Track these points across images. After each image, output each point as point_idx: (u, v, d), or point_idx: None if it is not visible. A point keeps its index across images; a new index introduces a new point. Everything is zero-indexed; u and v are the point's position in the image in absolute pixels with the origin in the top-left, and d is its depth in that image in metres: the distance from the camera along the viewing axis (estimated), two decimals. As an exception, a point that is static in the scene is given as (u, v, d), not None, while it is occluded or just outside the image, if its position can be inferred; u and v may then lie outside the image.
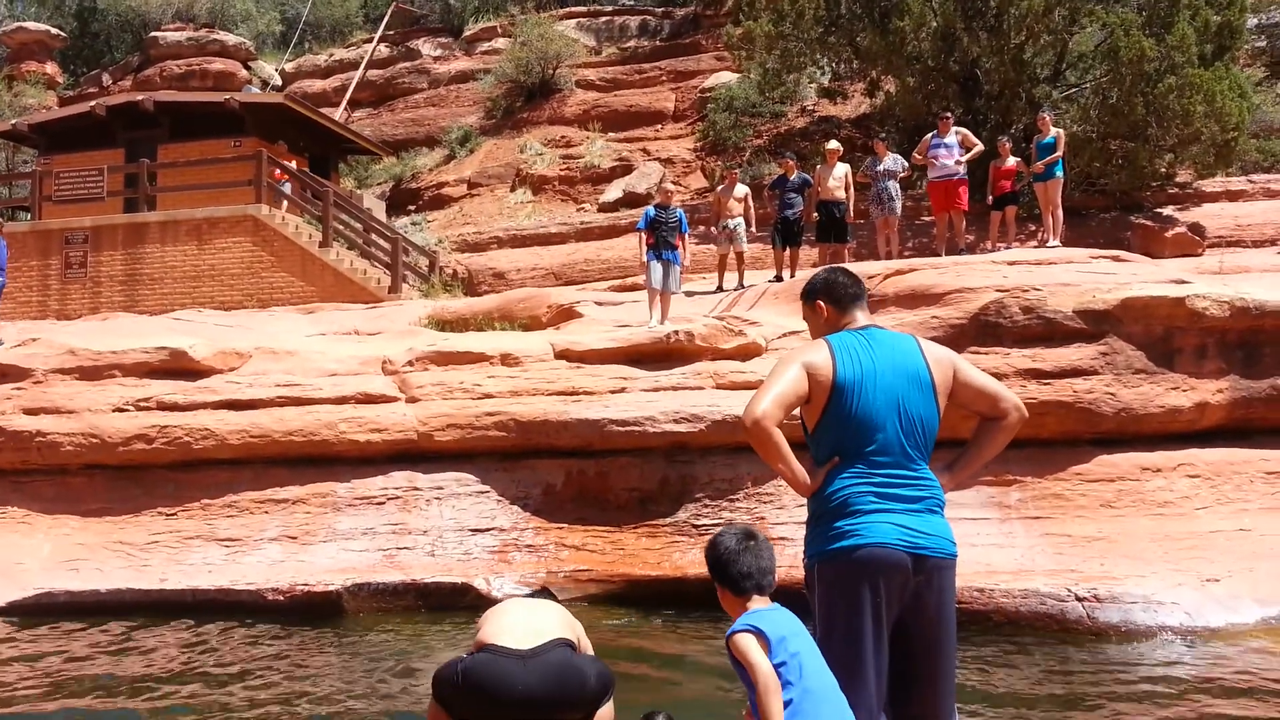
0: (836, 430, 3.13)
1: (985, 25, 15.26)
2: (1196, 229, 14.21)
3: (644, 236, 10.67)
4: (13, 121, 20.29)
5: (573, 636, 3.79)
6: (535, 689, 3.52)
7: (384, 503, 8.63)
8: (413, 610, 7.58)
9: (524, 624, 3.71)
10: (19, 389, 9.30)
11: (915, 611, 3.05)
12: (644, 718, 3.71)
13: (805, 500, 3.26)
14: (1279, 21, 19.27)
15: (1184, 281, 8.55)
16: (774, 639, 2.90)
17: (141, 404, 9.10)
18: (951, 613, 3.12)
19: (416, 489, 8.69)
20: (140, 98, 18.78)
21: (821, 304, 3.37)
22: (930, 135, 12.63)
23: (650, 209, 10.88)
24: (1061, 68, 16.09)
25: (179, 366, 9.36)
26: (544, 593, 4.57)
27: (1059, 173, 12.30)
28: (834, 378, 3.11)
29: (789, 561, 7.49)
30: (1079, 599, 6.57)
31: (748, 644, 2.89)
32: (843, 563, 3.03)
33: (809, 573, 3.16)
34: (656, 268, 10.36)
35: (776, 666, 2.85)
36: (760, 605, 3.01)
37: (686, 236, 10.98)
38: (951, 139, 12.45)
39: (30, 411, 9.11)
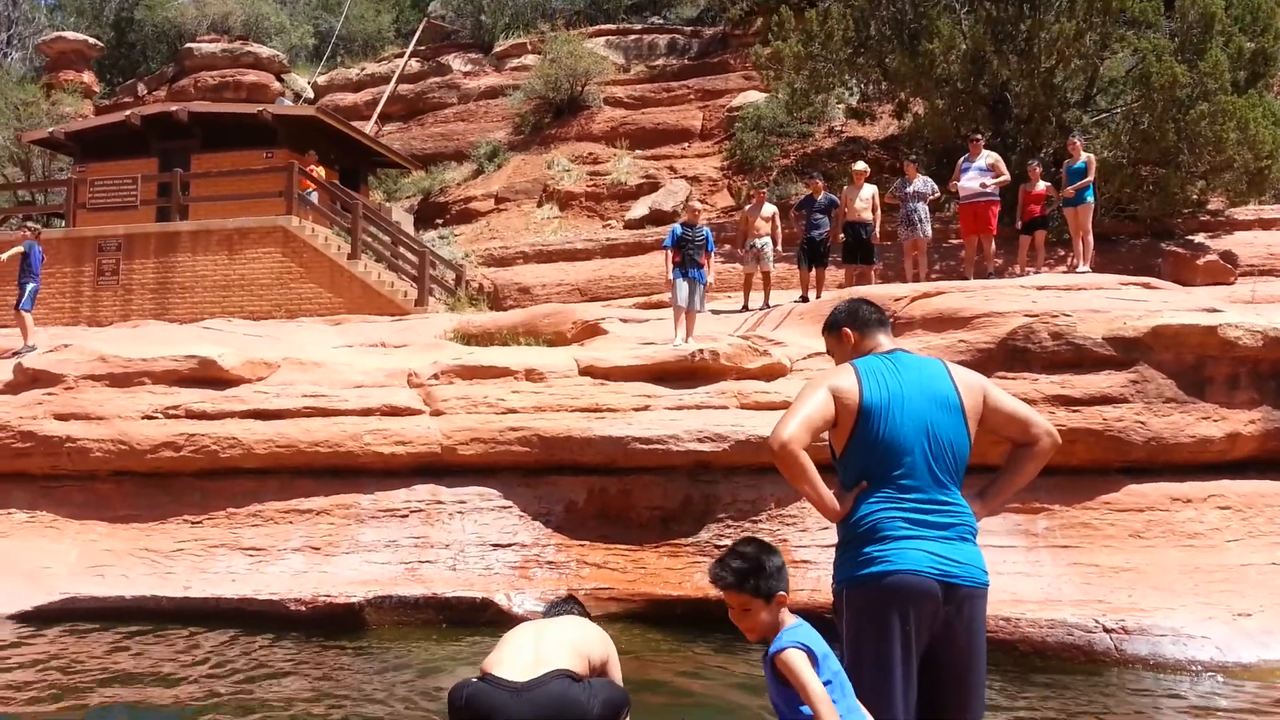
0: (864, 454, 3.11)
1: (1015, 49, 15.22)
2: (1228, 257, 14.07)
3: (670, 254, 10.69)
4: (50, 129, 20.61)
5: (583, 663, 3.73)
6: None
7: (407, 515, 8.65)
8: (433, 624, 7.58)
9: (527, 652, 3.68)
10: (50, 394, 9.41)
11: (945, 640, 3.02)
12: None
13: (833, 525, 3.25)
14: (1314, 49, 19.08)
15: (1216, 310, 8.45)
16: (820, 656, 2.89)
17: (170, 412, 9.18)
18: (982, 642, 3.09)
19: (439, 502, 8.70)
20: (174, 108, 19.05)
21: (848, 331, 3.38)
22: (962, 159, 12.60)
23: (677, 227, 10.90)
24: (1092, 92, 16.02)
25: (208, 375, 9.44)
26: (571, 601, 4.50)
27: (1089, 198, 12.23)
28: (860, 401, 3.10)
29: (811, 585, 7.47)
30: (1107, 630, 6.48)
31: (799, 662, 2.85)
32: (872, 589, 3.00)
33: (837, 598, 3.15)
34: (682, 286, 10.36)
35: (824, 684, 2.83)
36: (791, 620, 2.98)
37: (713, 255, 11.00)
38: (982, 161, 12.41)
39: (61, 417, 9.21)
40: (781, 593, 3.00)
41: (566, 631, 3.88)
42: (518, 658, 3.66)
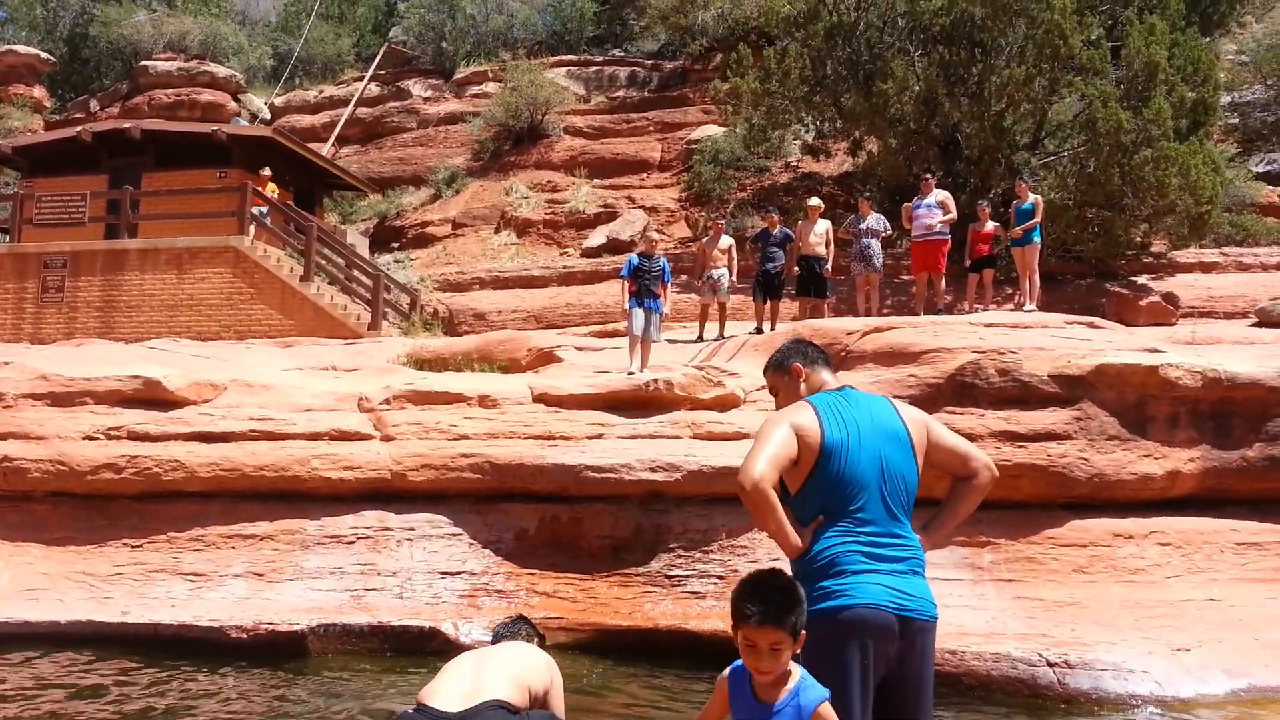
0: (823, 491, 3.14)
1: (967, 91, 15.59)
2: (1170, 298, 14.45)
3: (627, 284, 10.73)
4: (-3, 143, 20.22)
5: (522, 694, 3.66)
6: None
7: (354, 542, 8.52)
8: (379, 653, 7.45)
9: (464, 682, 3.60)
10: (-13, 413, 9.16)
11: (899, 672, 3.05)
12: None
13: (786, 559, 3.26)
14: (1251, 100, 19.80)
15: (1157, 350, 8.66)
16: None
17: (112, 433, 8.98)
18: (930, 674, 3.13)
19: (387, 529, 8.59)
20: (127, 125, 18.79)
21: (799, 367, 3.41)
22: (915, 199, 12.85)
23: (634, 257, 10.96)
24: (1040, 136, 16.43)
25: (152, 396, 9.26)
26: (521, 621, 4.41)
27: (1036, 238, 12.51)
28: (822, 440, 3.13)
29: (761, 616, 7.47)
30: (1050, 664, 6.55)
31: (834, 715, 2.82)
32: (832, 623, 3.01)
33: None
34: (638, 315, 10.40)
35: None
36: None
37: (669, 286, 11.05)
38: (932, 199, 12.66)
39: (-3, 436, 8.97)
40: (803, 632, 2.82)
41: (508, 660, 3.80)
42: (453, 687, 3.58)
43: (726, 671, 2.97)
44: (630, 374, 9.58)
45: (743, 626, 2.78)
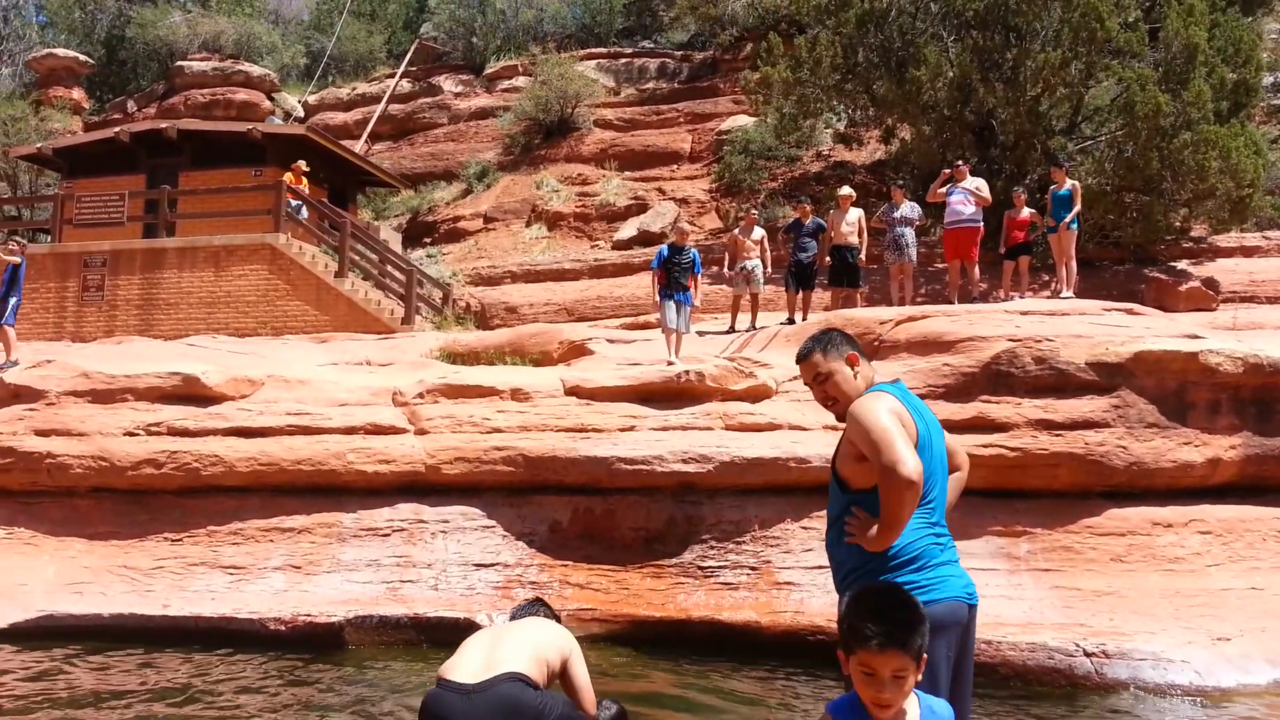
0: None
1: (1001, 77, 15.38)
2: (1211, 284, 14.19)
3: (656, 276, 10.71)
4: (38, 145, 20.56)
5: (540, 667, 3.71)
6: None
7: (389, 534, 8.60)
8: (414, 644, 7.53)
9: (480, 655, 3.70)
10: (32, 410, 9.35)
11: (958, 660, 3.14)
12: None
13: (826, 547, 3.29)
14: (1295, 80, 19.35)
15: (1198, 336, 8.52)
16: None
17: (152, 429, 9.13)
18: (972, 658, 3.23)
19: (422, 521, 8.66)
20: (164, 125, 19.04)
21: (856, 355, 3.36)
22: (946, 173, 12.68)
23: (664, 248, 10.94)
24: (1077, 120, 16.18)
25: (191, 392, 9.40)
26: (537, 603, 4.42)
27: (1073, 224, 12.32)
28: (918, 431, 3.14)
29: (795, 607, 7.45)
30: (1087, 654, 6.48)
31: None
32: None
33: None
34: (670, 307, 10.39)
35: None
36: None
37: (699, 277, 11.02)
38: (969, 184, 12.50)
39: (42, 433, 9.15)
40: (925, 655, 2.49)
41: (524, 635, 3.87)
42: (470, 661, 3.68)
43: (827, 710, 2.59)
44: (670, 364, 9.58)
45: (860, 650, 2.40)
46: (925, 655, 2.46)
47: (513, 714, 3.53)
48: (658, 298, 10.60)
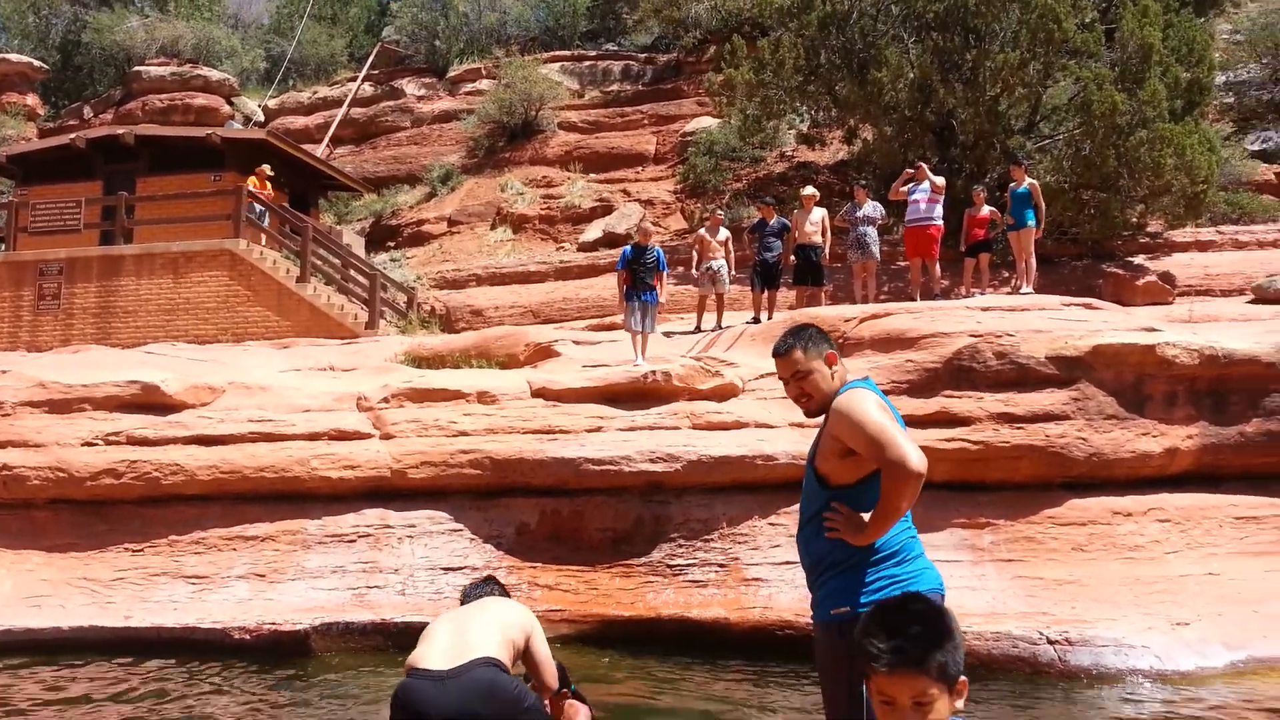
0: None
1: (961, 77, 15.56)
2: (1167, 278, 14.44)
3: (622, 277, 10.72)
4: (-9, 152, 20.20)
5: (508, 648, 3.73)
6: (454, 710, 3.50)
7: (355, 540, 8.53)
8: (382, 650, 7.47)
9: (450, 641, 3.70)
10: (-14, 420, 9.17)
11: None
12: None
13: (793, 543, 3.30)
14: (1246, 79, 19.76)
15: (1154, 329, 8.66)
16: None
17: (111, 438, 8.99)
18: None
19: (388, 527, 8.60)
20: (121, 131, 18.76)
21: (834, 355, 3.37)
22: (908, 173, 12.81)
23: (628, 249, 10.94)
24: (1035, 120, 16.39)
25: (150, 401, 9.27)
26: (490, 582, 4.42)
27: (1031, 221, 12.48)
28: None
29: (763, 603, 7.48)
30: (1050, 642, 6.56)
31: None
32: None
33: (848, 625, 2.95)
34: (635, 309, 10.39)
35: None
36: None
37: (665, 275, 11.03)
38: (927, 184, 12.62)
39: (-3, 444, 8.98)
40: (963, 678, 2.06)
41: (489, 618, 3.86)
42: (440, 648, 3.67)
43: None
44: (636, 365, 9.59)
45: (873, 674, 2.02)
46: (962, 678, 2.06)
47: (489, 698, 3.52)
48: (624, 299, 10.61)
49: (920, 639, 2.00)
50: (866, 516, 3.08)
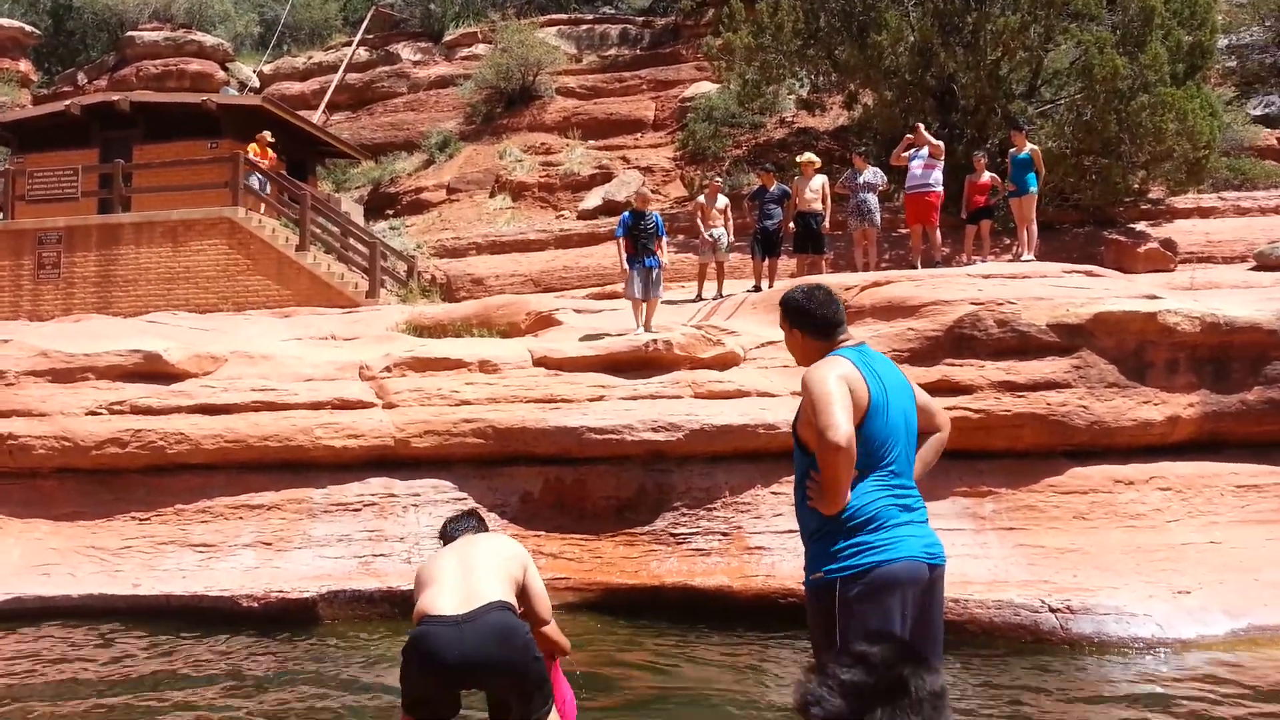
0: (867, 445, 3.18)
1: (962, 41, 15.43)
2: (1169, 245, 14.42)
3: (622, 243, 10.64)
4: (-15, 119, 20.02)
5: (512, 587, 3.75)
6: (473, 654, 3.50)
7: (360, 509, 8.58)
8: (389, 618, 7.54)
9: (458, 586, 3.68)
10: (-10, 391, 9.18)
11: (921, 618, 3.17)
12: None
13: (792, 514, 3.32)
14: (1248, 43, 19.61)
15: (1156, 297, 8.66)
16: None
17: (115, 407, 9.01)
18: (942, 616, 3.29)
19: (393, 495, 8.65)
20: (116, 98, 18.59)
21: (799, 333, 3.43)
22: (908, 138, 12.73)
23: (627, 215, 10.85)
24: (1036, 84, 16.29)
25: (153, 370, 9.28)
26: (473, 516, 4.38)
27: (1033, 188, 12.43)
28: (870, 396, 3.18)
29: (766, 570, 7.55)
30: (1052, 610, 6.63)
31: None
32: (876, 577, 3.09)
33: (823, 589, 3.14)
34: (636, 279, 10.30)
35: None
36: None
37: (664, 240, 11.00)
38: (926, 149, 12.54)
39: (1, 414, 9.00)
40: None
41: (489, 558, 3.83)
42: (450, 594, 3.65)
43: None
44: (636, 334, 9.58)
45: None
46: None
47: (503, 641, 3.54)
48: (625, 265, 10.51)
49: (854, 689, 1.56)
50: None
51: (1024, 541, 7.52)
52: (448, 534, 4.17)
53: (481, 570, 3.74)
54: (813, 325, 3.39)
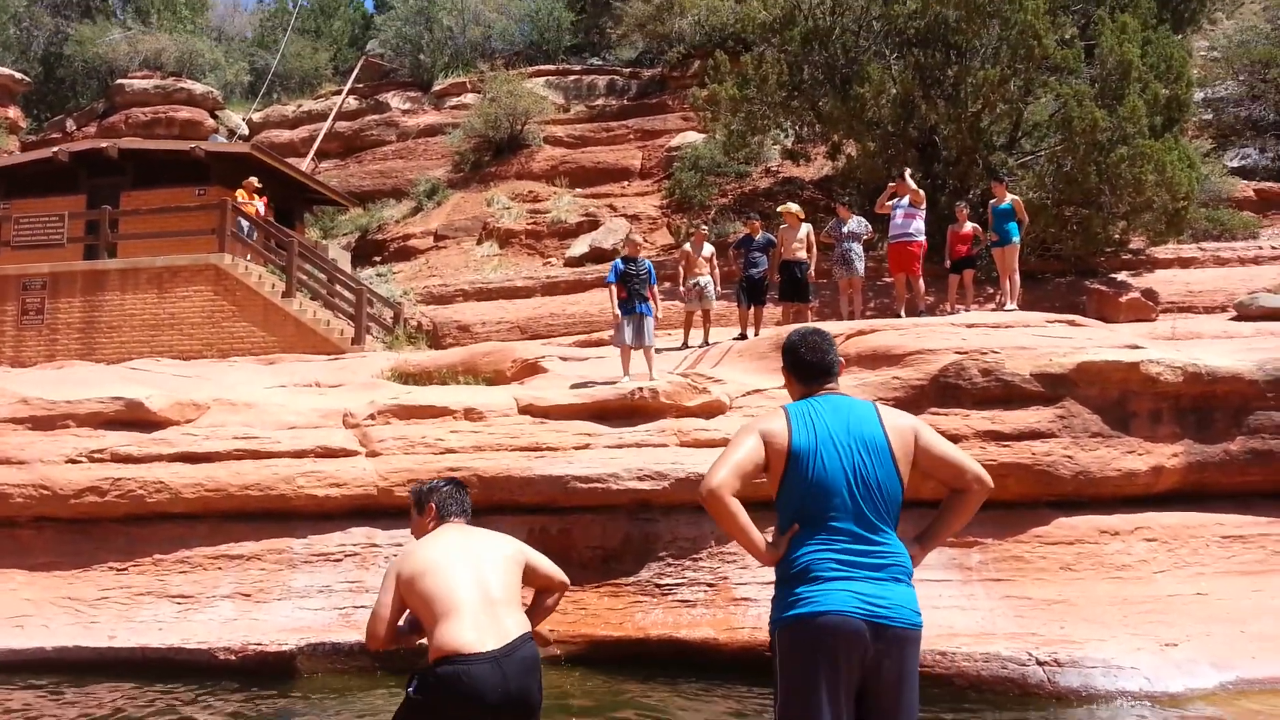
0: (796, 497, 3.15)
1: (943, 94, 15.68)
2: (1150, 294, 14.56)
3: (615, 290, 10.65)
4: (-28, 165, 20.04)
5: (520, 603, 3.58)
6: (516, 693, 3.33)
7: (341, 560, 8.48)
8: (368, 671, 7.42)
9: (481, 612, 3.40)
10: (-32, 439, 9.07)
11: (876, 680, 3.03)
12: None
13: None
14: (1224, 96, 20.00)
15: (1138, 347, 8.72)
16: None
17: (95, 455, 8.92)
18: (913, 682, 3.09)
19: (375, 545, 8.55)
20: (104, 144, 18.67)
21: (786, 373, 3.42)
22: (891, 187, 12.90)
23: (618, 262, 10.88)
24: (1017, 136, 16.54)
25: (134, 417, 9.20)
26: (464, 489, 4.02)
27: (1015, 238, 12.57)
28: (789, 445, 3.14)
29: (752, 623, 7.47)
30: (1040, 663, 6.58)
31: None
32: (800, 629, 3.03)
33: (771, 638, 3.16)
34: (627, 326, 10.28)
35: None
36: None
37: (654, 288, 11.03)
38: (908, 199, 12.70)
39: (-22, 462, 8.89)
40: None
41: (501, 571, 3.57)
42: (476, 624, 3.38)
43: None
44: (623, 383, 9.55)
45: None
46: None
47: (534, 671, 3.43)
48: (618, 311, 10.47)
49: None
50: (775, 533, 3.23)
51: (1011, 593, 7.47)
52: (445, 509, 3.84)
53: (498, 588, 3.50)
54: (795, 369, 3.38)
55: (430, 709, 3.36)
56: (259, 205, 17.18)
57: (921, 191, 12.71)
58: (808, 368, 3.35)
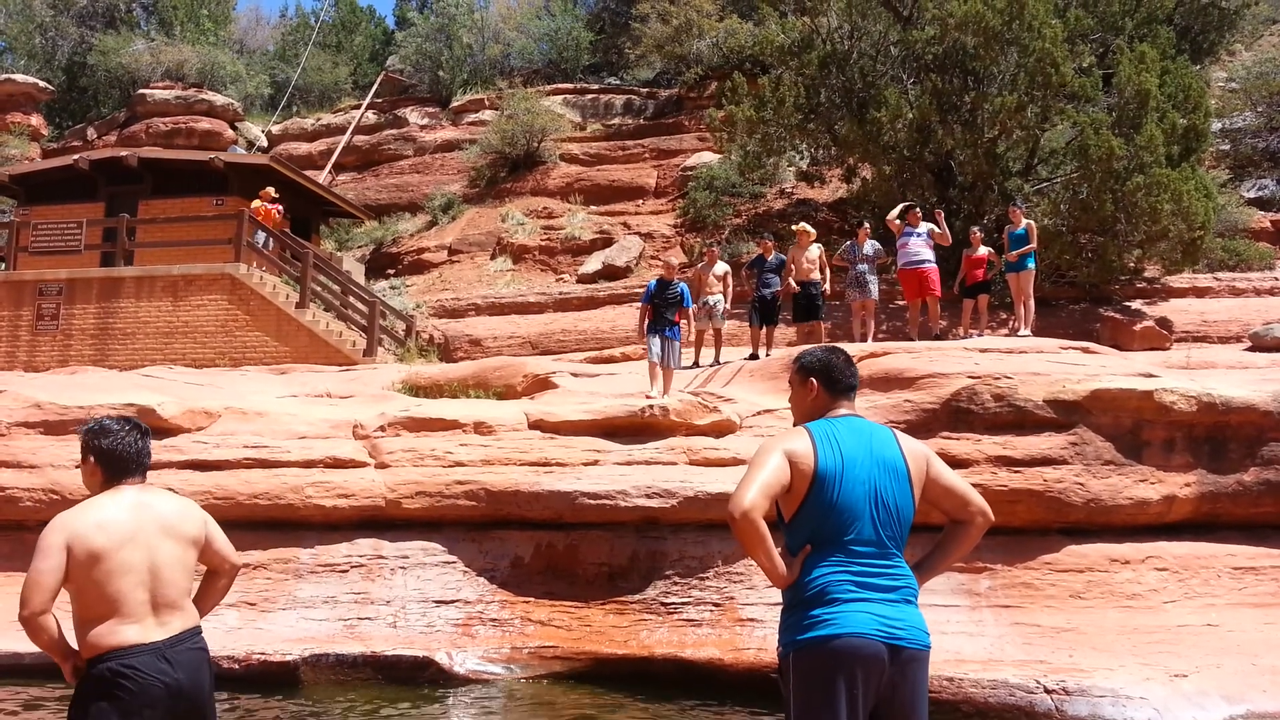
0: (816, 519, 3.11)
1: (960, 119, 15.69)
2: (1164, 323, 14.49)
3: (645, 311, 10.75)
4: (-7, 171, 20.27)
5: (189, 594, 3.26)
6: (187, 688, 3.15)
7: (347, 570, 8.47)
8: (372, 683, 7.40)
9: (141, 591, 3.15)
10: (-20, 441, 9.12)
11: (890, 702, 3.02)
12: None
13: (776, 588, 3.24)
14: (1241, 127, 19.96)
15: (1152, 375, 8.67)
16: None
17: (105, 461, 8.92)
18: (923, 704, 3.09)
19: (381, 557, 8.54)
20: (124, 153, 18.86)
21: (814, 383, 3.36)
22: (902, 206, 12.97)
23: (652, 283, 11.02)
24: (1033, 162, 16.52)
25: (146, 424, 9.20)
26: (147, 436, 3.51)
27: (1030, 264, 12.54)
28: (816, 467, 3.10)
29: (758, 644, 7.43)
30: (1048, 691, 6.51)
31: None
32: (820, 652, 2.99)
33: (783, 661, 3.12)
34: (655, 342, 10.40)
35: None
36: None
37: (689, 310, 11.09)
38: (922, 228, 12.74)
39: (-10, 465, 8.93)
40: None
41: (173, 546, 3.24)
42: (142, 608, 3.12)
43: None
44: (649, 398, 9.58)
45: None
46: None
47: (207, 668, 3.23)
48: (645, 332, 10.61)
49: None
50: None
51: (1020, 620, 7.41)
52: (109, 469, 3.34)
53: (165, 567, 3.21)
54: (829, 380, 3.31)
55: (96, 711, 3.12)
56: (274, 209, 17.26)
57: (949, 235, 12.77)
58: (840, 380, 3.33)
